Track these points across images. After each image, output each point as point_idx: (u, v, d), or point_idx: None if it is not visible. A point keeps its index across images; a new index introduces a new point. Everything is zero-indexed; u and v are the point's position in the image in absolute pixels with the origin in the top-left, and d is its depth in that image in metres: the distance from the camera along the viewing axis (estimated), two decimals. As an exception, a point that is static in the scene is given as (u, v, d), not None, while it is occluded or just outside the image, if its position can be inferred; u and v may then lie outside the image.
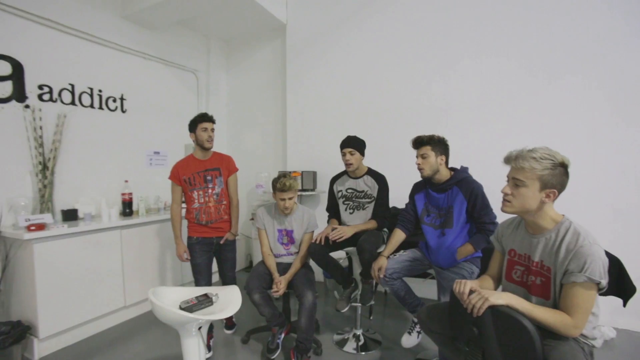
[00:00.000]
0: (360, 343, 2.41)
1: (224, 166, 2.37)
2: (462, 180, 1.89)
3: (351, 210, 2.39)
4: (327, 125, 3.59)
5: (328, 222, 2.53)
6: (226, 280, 2.41)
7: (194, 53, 4.10)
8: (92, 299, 2.52)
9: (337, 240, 2.17)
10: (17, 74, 2.56)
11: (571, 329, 1.13)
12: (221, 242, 2.32)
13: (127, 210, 2.97)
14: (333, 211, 2.51)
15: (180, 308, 1.27)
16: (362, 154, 2.34)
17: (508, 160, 1.29)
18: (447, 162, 1.96)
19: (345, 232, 2.18)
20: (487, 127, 2.85)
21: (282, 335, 2.28)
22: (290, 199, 2.25)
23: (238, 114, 4.44)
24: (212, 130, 2.31)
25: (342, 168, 2.43)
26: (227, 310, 1.32)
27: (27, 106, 2.60)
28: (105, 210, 2.73)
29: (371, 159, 2.58)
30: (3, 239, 2.35)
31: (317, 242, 2.18)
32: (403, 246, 2.14)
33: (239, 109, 4.43)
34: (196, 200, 2.27)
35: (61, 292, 2.33)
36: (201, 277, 2.28)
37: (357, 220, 2.36)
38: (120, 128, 3.28)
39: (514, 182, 1.25)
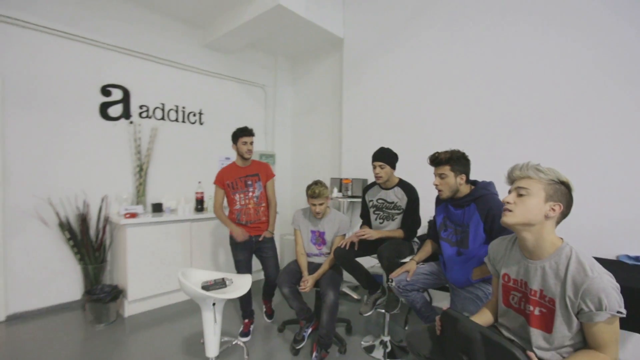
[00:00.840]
0: (388, 350, 2.45)
1: (262, 172, 2.68)
2: (480, 197, 1.80)
3: (381, 220, 2.47)
4: (379, 135, 3.66)
5: (361, 228, 2.64)
6: (270, 278, 2.66)
7: (262, 70, 4.62)
8: (166, 275, 3.10)
9: (360, 238, 2.27)
10: (126, 98, 3.34)
11: None
12: (259, 239, 2.61)
13: (199, 207, 3.54)
14: (366, 219, 2.61)
15: (201, 287, 1.59)
16: (393, 167, 2.39)
17: (512, 172, 1.25)
18: (468, 178, 1.91)
19: (370, 234, 2.28)
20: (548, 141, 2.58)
21: (310, 330, 2.48)
22: (320, 204, 2.45)
23: (301, 124, 4.81)
24: (251, 143, 2.61)
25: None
26: (235, 293, 1.60)
27: (131, 122, 3.37)
28: (181, 205, 3.33)
29: (424, 171, 2.60)
30: (110, 222, 3.10)
31: (343, 246, 2.32)
32: (426, 258, 2.14)
33: (302, 119, 4.80)
34: (238, 202, 2.61)
35: (145, 267, 2.95)
36: (242, 271, 2.61)
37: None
38: (198, 138, 3.92)
39: (518, 191, 1.20)
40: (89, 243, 2.93)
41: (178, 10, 3.50)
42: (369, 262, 2.63)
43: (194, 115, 3.91)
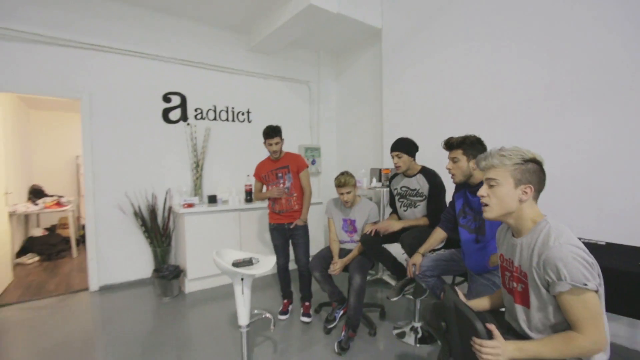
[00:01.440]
0: (419, 336, 2.47)
1: (293, 164, 2.81)
2: None
3: (405, 208, 2.49)
4: (420, 125, 3.58)
5: (390, 216, 2.68)
6: (299, 263, 2.81)
7: (306, 67, 4.81)
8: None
9: (384, 233, 2.33)
10: (183, 103, 3.81)
11: (589, 347, 1.00)
12: (291, 227, 2.79)
13: (248, 198, 3.88)
14: (393, 207, 2.65)
15: (232, 264, 1.83)
16: (411, 155, 2.41)
17: (479, 162, 1.25)
18: None
19: (391, 226, 2.32)
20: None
21: (341, 312, 2.61)
22: (348, 193, 2.55)
23: (345, 117, 4.91)
24: (277, 143, 2.73)
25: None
26: (259, 271, 1.82)
27: (188, 124, 3.83)
28: (232, 197, 3.70)
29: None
30: (173, 212, 3.58)
31: (368, 233, 2.40)
32: (448, 245, 2.12)
33: (346, 112, 4.89)
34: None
35: (201, 250, 3.36)
36: (279, 255, 2.84)
37: (410, 217, 2.44)
38: (247, 135, 4.27)
39: (488, 183, 1.21)
40: (156, 229, 3.45)
41: (225, 19, 3.84)
42: (400, 250, 2.66)
43: (243, 114, 4.27)
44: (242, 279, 1.84)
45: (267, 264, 1.92)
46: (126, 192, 3.45)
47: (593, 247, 1.91)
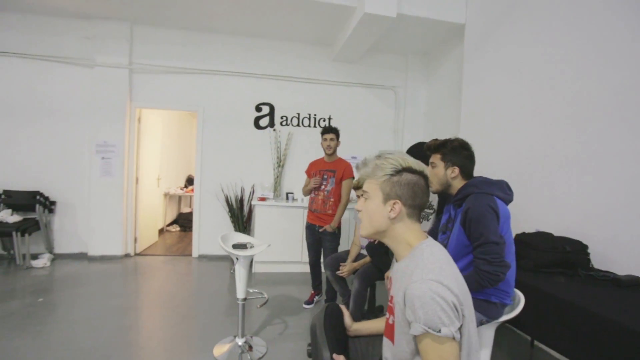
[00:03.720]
0: None
1: (340, 170, 2.91)
2: (468, 196, 1.46)
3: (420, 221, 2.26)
4: (497, 129, 3.07)
5: None
6: (324, 265, 2.86)
7: (393, 72, 4.78)
8: (283, 248, 3.93)
9: None
10: (271, 112, 4.49)
11: None
12: (320, 230, 2.90)
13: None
14: None
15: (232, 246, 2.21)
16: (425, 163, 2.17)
17: (358, 170, 1.10)
18: (469, 174, 1.57)
19: None
20: None
21: (353, 315, 2.60)
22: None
23: (433, 121, 4.59)
24: (332, 139, 2.90)
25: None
26: (248, 253, 2.12)
27: (274, 130, 4.48)
28: (301, 195, 4.09)
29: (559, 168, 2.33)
30: (252, 204, 4.28)
31: (373, 240, 2.33)
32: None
33: (434, 116, 4.57)
34: (313, 191, 3.02)
35: (267, 238, 3.85)
36: (310, 252, 3.05)
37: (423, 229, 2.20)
38: (326, 139, 4.60)
39: (363, 194, 1.06)
40: (240, 216, 4.21)
41: (308, 35, 4.30)
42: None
43: (324, 120, 4.63)
44: (237, 259, 2.18)
45: (258, 249, 2.21)
46: (221, 184, 4.35)
47: None
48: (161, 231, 5.61)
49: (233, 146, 4.42)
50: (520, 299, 1.47)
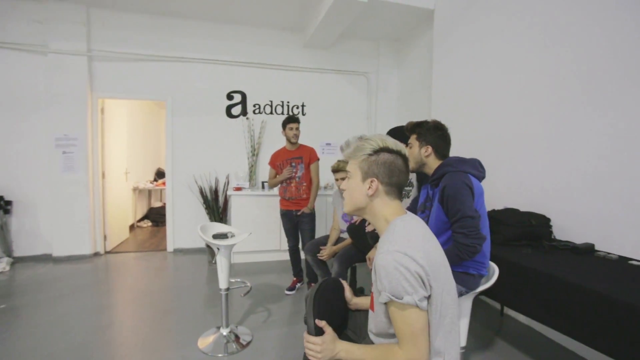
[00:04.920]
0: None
1: (306, 155, 2.99)
2: (444, 175, 1.53)
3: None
4: (469, 115, 3.19)
5: None
6: (304, 247, 2.94)
7: (364, 58, 4.80)
8: (261, 237, 3.91)
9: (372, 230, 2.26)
10: (244, 100, 4.39)
11: None
12: (298, 213, 2.96)
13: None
14: None
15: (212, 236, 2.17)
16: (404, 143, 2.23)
17: (341, 150, 1.19)
18: (443, 154, 1.64)
19: None
20: None
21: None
22: (342, 179, 2.56)
23: (405, 106, 4.69)
24: (297, 128, 2.97)
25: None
26: (230, 242, 2.10)
27: (247, 118, 4.39)
28: (278, 184, 4.08)
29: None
30: (227, 194, 4.20)
31: (354, 222, 2.38)
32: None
33: (406, 101, 4.66)
34: (285, 182, 3.04)
35: (244, 227, 3.82)
36: (288, 238, 3.09)
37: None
38: (301, 126, 4.56)
39: (346, 174, 1.13)
40: (215, 207, 4.12)
41: (279, 21, 4.21)
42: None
43: (297, 107, 4.60)
44: (218, 249, 2.15)
45: (239, 238, 2.19)
46: (194, 175, 4.23)
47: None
48: (132, 227, 5.40)
49: (205, 136, 4.30)
50: (495, 270, 1.57)
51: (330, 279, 1.32)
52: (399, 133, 2.28)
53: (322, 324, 1.06)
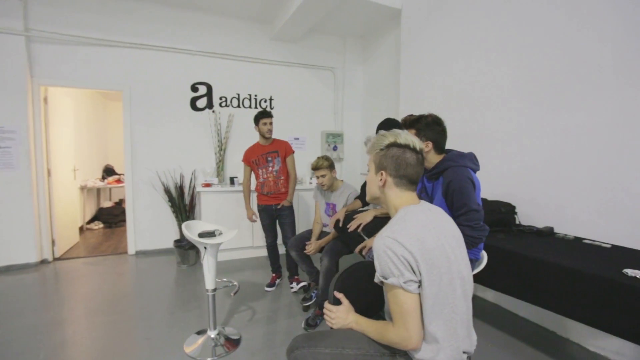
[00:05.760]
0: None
1: (282, 149, 2.96)
2: (446, 170, 1.61)
3: None
4: (435, 108, 3.36)
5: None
6: (285, 241, 2.94)
7: (331, 54, 4.83)
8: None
9: (358, 230, 2.28)
10: (209, 92, 4.18)
11: (396, 341, 1.00)
12: (277, 207, 2.93)
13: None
14: (362, 193, 2.58)
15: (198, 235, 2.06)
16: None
17: (365, 144, 1.27)
18: (442, 148, 1.71)
19: (363, 219, 2.25)
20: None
21: (318, 292, 2.68)
22: (323, 176, 2.59)
23: (371, 103, 4.81)
24: (271, 123, 2.92)
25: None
26: (217, 240, 2.01)
27: (213, 111, 4.19)
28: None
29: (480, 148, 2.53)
30: (196, 190, 4.00)
31: (337, 220, 2.40)
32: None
33: (372, 97, 4.78)
34: (261, 176, 2.98)
35: (216, 223, 3.70)
36: (267, 234, 3.03)
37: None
38: (269, 121, 4.49)
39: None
40: (182, 205, 3.90)
41: (246, 11, 4.06)
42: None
43: (265, 101, 4.50)
44: (205, 248, 2.04)
45: (228, 236, 2.11)
46: (157, 172, 3.96)
47: (597, 249, 1.89)
48: (81, 230, 4.89)
49: (168, 130, 4.03)
50: (484, 255, 1.71)
51: (363, 262, 1.39)
52: (388, 126, 2.32)
53: (339, 295, 1.20)
